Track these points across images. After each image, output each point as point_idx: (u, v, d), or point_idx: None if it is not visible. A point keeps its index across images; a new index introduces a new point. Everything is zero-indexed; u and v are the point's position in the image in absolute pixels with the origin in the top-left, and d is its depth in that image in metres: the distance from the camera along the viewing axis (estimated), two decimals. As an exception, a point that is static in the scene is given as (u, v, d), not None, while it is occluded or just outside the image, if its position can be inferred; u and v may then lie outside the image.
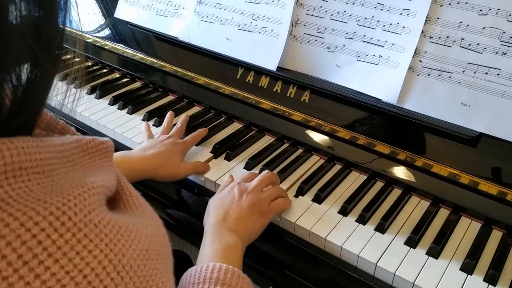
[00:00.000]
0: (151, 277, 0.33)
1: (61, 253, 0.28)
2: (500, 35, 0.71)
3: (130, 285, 0.31)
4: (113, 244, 0.31)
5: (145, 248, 0.34)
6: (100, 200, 0.33)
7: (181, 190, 0.86)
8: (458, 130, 0.74)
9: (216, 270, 0.57)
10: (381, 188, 0.80)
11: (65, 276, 0.28)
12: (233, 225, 0.67)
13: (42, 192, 0.29)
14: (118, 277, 0.30)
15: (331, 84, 0.88)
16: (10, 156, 0.28)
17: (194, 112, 1.03)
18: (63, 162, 0.33)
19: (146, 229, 0.36)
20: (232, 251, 0.63)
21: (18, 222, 0.27)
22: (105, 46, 1.21)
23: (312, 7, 0.90)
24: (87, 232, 0.30)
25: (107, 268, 0.30)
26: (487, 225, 0.72)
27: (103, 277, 0.29)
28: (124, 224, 0.33)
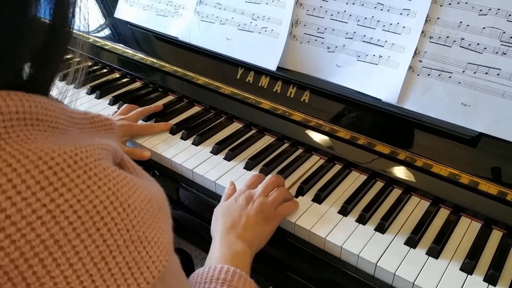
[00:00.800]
0: (152, 222, 0.35)
1: (73, 184, 0.31)
2: (500, 35, 0.71)
3: (134, 222, 0.33)
4: (120, 186, 0.33)
5: (148, 198, 0.36)
6: (108, 155, 0.36)
7: (178, 189, 0.86)
8: (458, 130, 0.74)
9: (224, 271, 0.57)
10: (381, 188, 0.80)
11: (77, 204, 0.30)
12: (241, 233, 0.67)
13: (56, 141, 0.32)
14: (124, 213, 0.33)
15: (331, 84, 0.88)
16: (28, 106, 0.31)
17: (194, 112, 1.03)
18: (72, 126, 0.36)
19: (149, 187, 0.38)
20: (241, 257, 0.63)
21: (37, 155, 0.30)
22: (105, 46, 1.21)
23: (312, 7, 0.90)
24: (97, 172, 0.32)
25: (114, 203, 0.32)
26: (487, 225, 0.72)
27: (110, 209, 0.32)
28: (130, 176, 0.36)
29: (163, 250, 0.35)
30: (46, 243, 0.28)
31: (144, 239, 0.34)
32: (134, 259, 0.33)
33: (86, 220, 0.30)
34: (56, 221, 0.29)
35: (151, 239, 0.35)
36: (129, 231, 0.33)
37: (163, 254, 0.35)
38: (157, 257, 0.35)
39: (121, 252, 0.32)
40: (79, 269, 0.30)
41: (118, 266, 0.32)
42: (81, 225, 0.30)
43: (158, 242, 0.35)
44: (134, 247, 0.33)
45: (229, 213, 0.70)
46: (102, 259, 0.31)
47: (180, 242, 0.92)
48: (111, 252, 0.32)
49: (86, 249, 0.30)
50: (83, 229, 0.30)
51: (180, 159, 0.87)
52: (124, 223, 0.32)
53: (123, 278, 0.32)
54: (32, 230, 0.28)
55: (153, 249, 0.34)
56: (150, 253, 0.34)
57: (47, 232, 0.29)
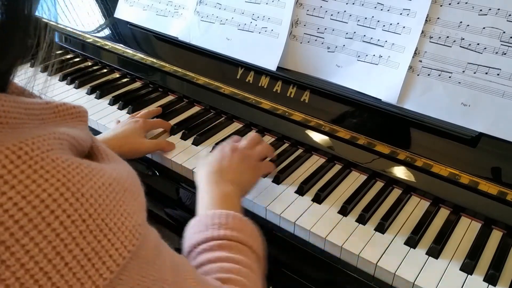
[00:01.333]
0: (114, 207, 0.34)
1: (17, 180, 0.29)
2: (500, 35, 0.71)
3: (91, 211, 0.32)
4: (71, 175, 0.32)
5: (108, 182, 0.34)
6: (62, 145, 0.34)
7: (178, 189, 0.86)
8: (458, 130, 0.74)
9: (217, 216, 0.56)
10: (381, 188, 0.80)
11: (22, 200, 0.29)
12: (228, 176, 0.68)
13: (2, 138, 0.30)
14: (77, 202, 0.31)
15: (331, 84, 0.88)
16: None
17: (194, 112, 1.03)
18: (30, 119, 0.34)
19: (112, 169, 0.36)
20: (231, 198, 0.64)
21: None
22: (105, 46, 1.21)
23: (312, 7, 0.90)
24: (44, 165, 0.31)
25: (65, 194, 0.31)
26: (487, 225, 0.72)
27: (61, 201, 0.30)
28: (86, 163, 0.34)
29: (128, 235, 0.34)
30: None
31: (105, 226, 0.33)
32: (94, 249, 0.32)
33: (33, 216, 0.29)
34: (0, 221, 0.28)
35: (113, 225, 0.33)
36: (85, 221, 0.31)
37: (129, 239, 0.34)
38: (121, 243, 0.33)
39: (78, 244, 0.31)
40: (32, 268, 0.29)
41: (76, 259, 0.31)
42: (28, 223, 0.29)
43: (122, 227, 0.34)
44: (93, 236, 0.32)
45: (215, 160, 0.72)
46: (57, 255, 0.30)
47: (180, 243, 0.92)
48: (66, 246, 0.30)
49: (37, 246, 0.29)
50: (31, 226, 0.29)
51: (180, 159, 0.87)
52: (78, 213, 0.31)
53: (83, 271, 0.31)
54: None
55: (116, 236, 0.33)
56: (113, 241, 0.33)
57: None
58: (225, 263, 0.52)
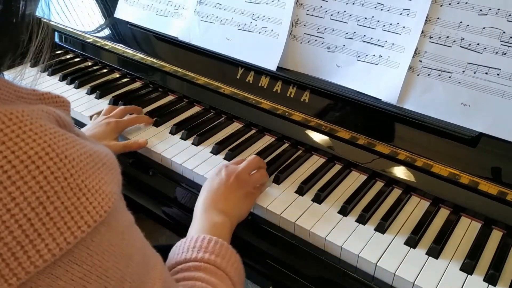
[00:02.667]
0: (93, 173, 0.37)
1: (7, 138, 0.33)
2: (500, 35, 0.71)
3: (72, 171, 0.35)
4: (57, 140, 0.35)
5: (89, 153, 0.38)
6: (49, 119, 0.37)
7: (177, 189, 0.86)
8: (458, 130, 0.74)
9: (200, 239, 0.59)
10: (381, 188, 0.80)
11: (11, 154, 0.32)
12: (221, 206, 0.69)
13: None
14: (60, 162, 0.35)
15: (331, 84, 0.88)
16: None
17: (194, 112, 1.03)
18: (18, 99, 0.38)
19: (93, 145, 0.40)
20: (219, 228, 0.65)
21: None
22: (105, 46, 1.21)
23: (312, 7, 0.90)
24: (33, 128, 0.34)
25: (50, 154, 0.34)
26: (487, 225, 0.72)
27: (46, 159, 0.34)
28: (69, 134, 0.37)
29: (105, 198, 0.37)
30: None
31: (84, 186, 0.36)
32: (73, 204, 0.35)
33: (21, 169, 0.32)
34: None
35: (92, 187, 0.36)
36: (66, 179, 0.35)
37: (105, 201, 0.37)
38: (98, 203, 0.36)
39: (59, 198, 0.34)
40: (17, 213, 0.32)
41: (56, 211, 0.34)
42: (15, 174, 0.32)
43: (99, 190, 0.37)
44: (72, 193, 0.35)
45: (211, 187, 0.72)
46: (40, 204, 0.33)
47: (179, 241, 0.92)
48: (49, 197, 0.33)
49: (22, 195, 0.32)
50: (18, 177, 0.32)
51: (180, 159, 0.87)
52: (61, 171, 0.34)
53: (63, 222, 0.34)
54: None
55: (94, 196, 0.36)
56: (91, 200, 0.36)
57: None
58: (199, 282, 0.54)
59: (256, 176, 0.76)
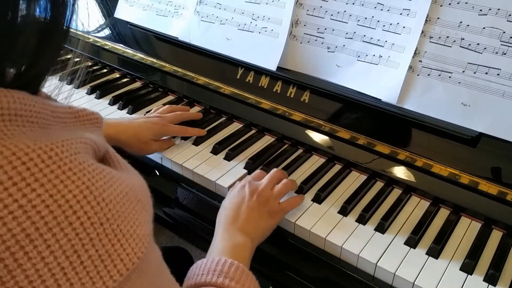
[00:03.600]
0: (129, 214, 0.36)
1: (46, 179, 0.31)
2: (500, 35, 0.71)
3: (109, 216, 0.34)
4: (95, 180, 0.34)
5: (125, 191, 0.36)
6: (87, 149, 0.36)
7: (178, 189, 0.86)
8: (458, 130, 0.74)
9: (221, 263, 0.57)
10: (381, 188, 0.80)
11: (49, 198, 0.31)
12: (243, 225, 0.67)
13: (34, 136, 0.33)
14: (97, 206, 0.33)
15: (331, 84, 0.88)
16: (6, 102, 0.31)
17: (194, 112, 1.03)
18: (56, 121, 0.37)
19: (129, 179, 0.38)
20: (241, 250, 0.63)
21: (11, 151, 0.30)
22: (105, 46, 1.21)
23: (312, 7, 0.90)
24: (72, 167, 0.33)
25: (88, 197, 0.33)
26: (487, 225, 0.72)
27: (83, 203, 0.32)
28: (107, 170, 0.36)
29: (138, 243, 0.36)
30: (17, 237, 0.29)
31: (119, 232, 0.34)
32: (108, 252, 0.33)
33: (58, 214, 0.31)
34: (27, 215, 0.30)
35: (126, 231, 0.35)
36: (102, 224, 0.33)
37: (138, 246, 0.36)
38: (131, 249, 0.35)
39: (94, 245, 0.33)
40: (51, 262, 0.30)
41: (91, 259, 0.32)
42: (53, 220, 0.31)
43: (133, 235, 0.36)
44: (107, 240, 0.33)
45: (232, 205, 0.70)
46: (75, 252, 0.32)
47: (180, 242, 0.92)
48: (84, 245, 0.32)
49: (58, 242, 0.31)
50: (55, 223, 0.31)
51: (180, 159, 0.87)
52: (98, 216, 0.33)
53: (96, 271, 0.33)
54: (4, 225, 0.29)
55: (128, 242, 0.35)
56: (125, 246, 0.35)
57: (19, 227, 0.29)
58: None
59: (277, 190, 0.73)
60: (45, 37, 0.35)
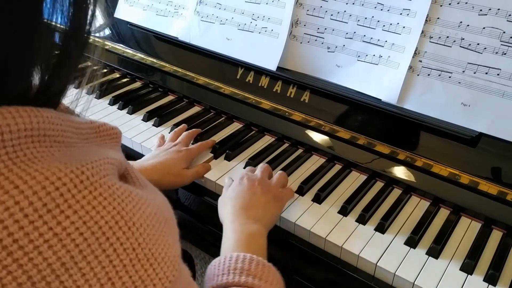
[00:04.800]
0: (159, 236, 0.35)
1: (79, 205, 0.30)
2: (500, 35, 0.71)
3: (140, 240, 0.33)
4: (125, 204, 0.33)
5: (154, 212, 0.36)
6: (113, 170, 0.35)
7: (179, 191, 0.86)
8: (458, 130, 0.74)
9: (240, 260, 0.56)
10: (381, 188, 0.80)
11: (83, 225, 0.30)
12: (253, 213, 0.66)
13: (63, 158, 0.32)
14: (129, 231, 0.33)
15: (331, 84, 0.88)
16: (36, 122, 0.31)
17: (194, 112, 1.03)
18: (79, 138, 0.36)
19: (154, 199, 0.38)
20: (256, 239, 0.63)
21: (43, 176, 0.29)
22: (105, 46, 1.21)
23: (312, 7, 0.90)
24: (102, 191, 0.32)
25: (119, 222, 0.32)
26: (487, 225, 0.72)
27: (115, 229, 0.32)
28: (134, 191, 0.36)
29: (170, 266, 0.35)
30: (53, 266, 0.28)
31: (151, 256, 0.34)
32: (141, 278, 0.33)
33: (92, 242, 0.30)
34: (62, 244, 0.29)
35: (158, 255, 0.35)
36: (135, 249, 0.33)
37: (170, 270, 0.35)
38: (163, 273, 0.35)
39: (128, 272, 0.32)
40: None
41: (124, 286, 0.32)
42: (87, 247, 0.30)
43: (165, 258, 0.35)
44: (140, 265, 0.33)
45: (237, 194, 0.70)
46: (109, 280, 0.31)
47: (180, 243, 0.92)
48: (117, 272, 0.32)
49: (92, 270, 0.30)
50: (89, 251, 0.30)
51: (180, 159, 0.87)
52: (130, 242, 0.33)
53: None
54: (39, 254, 0.28)
55: (160, 266, 0.35)
56: (157, 270, 0.34)
57: (54, 256, 0.29)
58: None
59: (277, 178, 0.75)
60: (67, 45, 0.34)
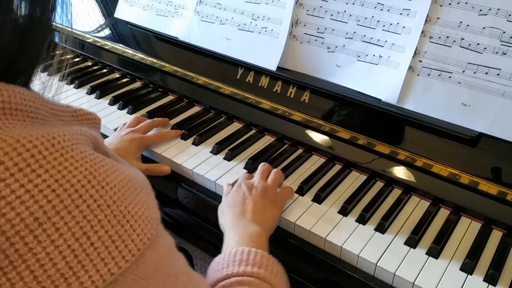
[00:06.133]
0: (135, 198, 0.36)
1: (50, 165, 0.32)
2: (500, 35, 0.71)
3: (115, 198, 0.34)
4: (97, 166, 0.35)
5: (128, 178, 0.37)
6: (87, 142, 0.37)
7: (178, 189, 0.86)
8: (458, 130, 0.74)
9: (239, 253, 0.56)
10: (381, 188, 0.80)
11: (55, 183, 0.31)
12: (252, 217, 0.67)
13: (35, 129, 0.33)
14: (102, 190, 0.34)
15: (331, 84, 0.88)
16: (8, 96, 0.32)
17: (194, 112, 1.03)
18: (54, 119, 0.37)
19: (130, 170, 0.39)
20: (258, 238, 0.63)
21: (14, 139, 0.31)
22: (105, 46, 1.21)
23: (312, 7, 0.90)
24: (74, 154, 0.33)
25: (92, 181, 0.33)
26: (487, 225, 0.72)
27: (88, 187, 0.33)
28: (107, 160, 0.37)
29: (147, 224, 0.36)
30: (26, 221, 0.30)
31: (127, 213, 0.35)
32: (117, 233, 0.34)
33: (64, 198, 0.31)
34: (34, 200, 0.30)
35: (135, 213, 0.36)
36: (109, 206, 0.34)
37: (148, 227, 0.36)
38: (141, 230, 0.36)
39: (103, 227, 0.33)
40: (61, 244, 0.31)
41: (100, 240, 0.33)
42: (59, 203, 0.31)
43: (142, 216, 0.36)
44: (116, 221, 0.34)
45: (235, 202, 0.71)
46: (84, 234, 0.32)
47: (180, 242, 0.92)
48: (92, 227, 0.32)
49: (66, 225, 0.31)
50: (62, 206, 0.31)
51: (180, 159, 0.87)
52: (103, 199, 0.34)
53: (107, 252, 0.33)
54: (12, 209, 0.29)
55: (137, 223, 0.35)
56: (134, 226, 0.35)
57: (27, 211, 0.30)
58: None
59: (271, 179, 0.76)
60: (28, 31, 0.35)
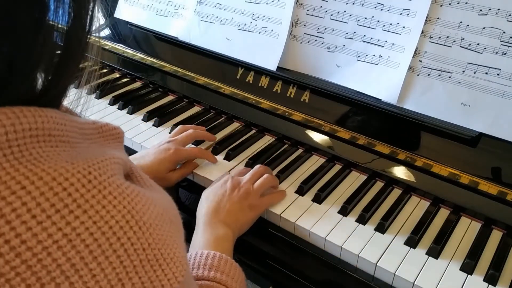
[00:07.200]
0: (167, 237, 0.35)
1: (88, 205, 0.30)
2: (500, 35, 0.71)
3: (150, 240, 0.33)
4: (134, 203, 0.33)
5: (160, 212, 0.36)
6: (119, 169, 0.35)
7: (179, 190, 0.86)
8: (458, 130, 0.74)
9: (210, 257, 0.60)
10: (381, 188, 0.80)
11: (93, 225, 0.30)
12: (224, 217, 0.69)
13: (69, 157, 0.32)
14: (140, 231, 0.32)
15: (331, 84, 0.88)
16: (41, 122, 0.30)
17: (194, 112, 1.03)
18: (83, 138, 0.36)
19: (159, 199, 0.37)
20: (223, 242, 0.66)
21: (51, 176, 0.29)
22: (105, 46, 1.21)
23: (312, 7, 0.90)
24: (111, 190, 0.32)
25: (130, 222, 0.32)
26: (487, 225, 0.72)
27: (126, 229, 0.31)
28: (142, 191, 0.35)
29: (178, 266, 0.35)
30: (62, 267, 0.28)
31: (160, 256, 0.34)
32: (150, 279, 0.33)
33: (102, 242, 0.30)
34: (72, 244, 0.29)
35: (167, 255, 0.34)
36: (145, 250, 0.33)
37: (178, 270, 0.35)
38: (172, 274, 0.34)
39: (137, 273, 0.32)
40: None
41: (134, 287, 0.32)
42: (97, 248, 0.30)
43: (174, 258, 0.35)
44: (150, 266, 0.33)
45: (214, 197, 0.72)
46: (119, 281, 0.31)
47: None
48: (128, 273, 0.31)
49: (103, 271, 0.30)
50: (99, 251, 0.30)
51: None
52: (140, 242, 0.32)
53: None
54: (49, 255, 0.28)
55: (169, 266, 0.34)
56: (166, 271, 0.34)
57: (64, 257, 0.28)
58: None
59: (258, 184, 0.75)
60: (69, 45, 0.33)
